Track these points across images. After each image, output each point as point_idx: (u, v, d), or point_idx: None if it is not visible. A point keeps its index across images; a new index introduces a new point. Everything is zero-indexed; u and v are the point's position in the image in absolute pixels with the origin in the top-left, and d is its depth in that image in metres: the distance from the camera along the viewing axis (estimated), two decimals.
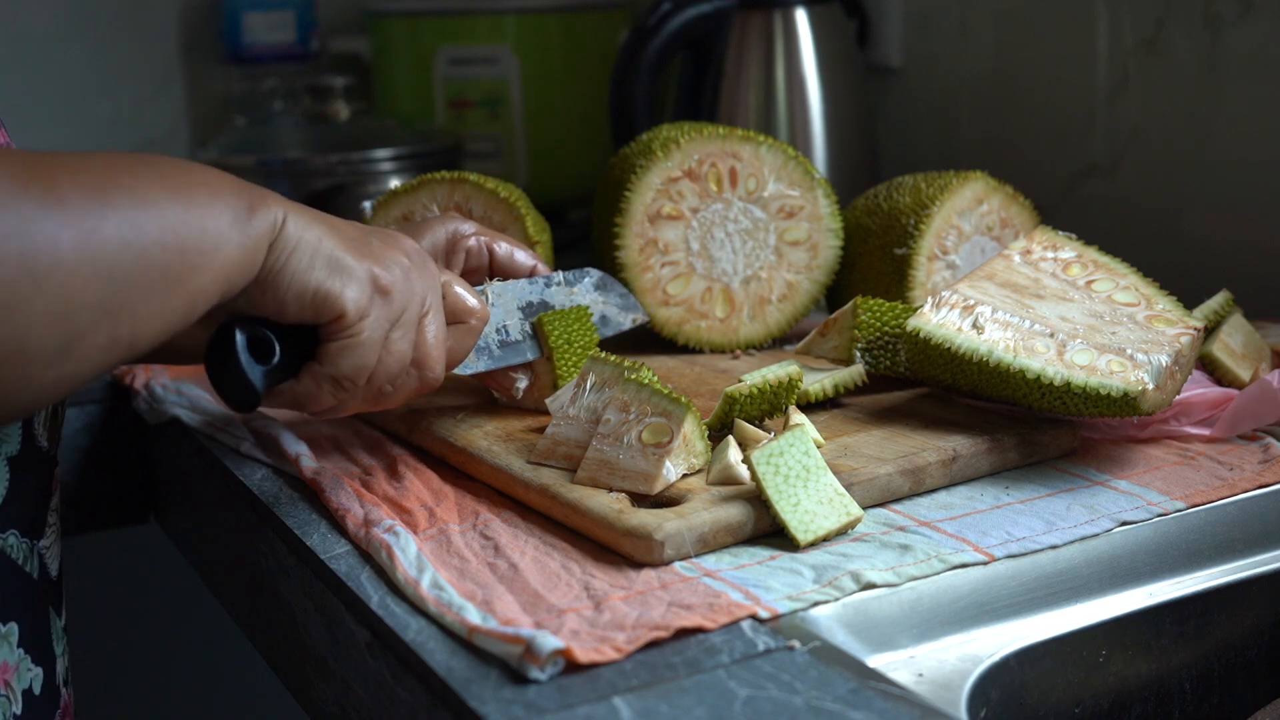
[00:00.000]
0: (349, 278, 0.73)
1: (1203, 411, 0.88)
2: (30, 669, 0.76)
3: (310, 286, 0.72)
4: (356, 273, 0.73)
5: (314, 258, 0.72)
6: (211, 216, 0.67)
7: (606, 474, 0.77)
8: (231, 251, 0.68)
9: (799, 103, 1.37)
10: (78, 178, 0.63)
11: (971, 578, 0.72)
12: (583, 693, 0.61)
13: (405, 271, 0.76)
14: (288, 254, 0.71)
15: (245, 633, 0.94)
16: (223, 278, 0.68)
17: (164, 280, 0.65)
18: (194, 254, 0.66)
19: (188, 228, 0.66)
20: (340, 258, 0.73)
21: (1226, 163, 1.20)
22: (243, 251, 0.69)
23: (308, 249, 0.72)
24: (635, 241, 1.05)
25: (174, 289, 0.65)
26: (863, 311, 0.93)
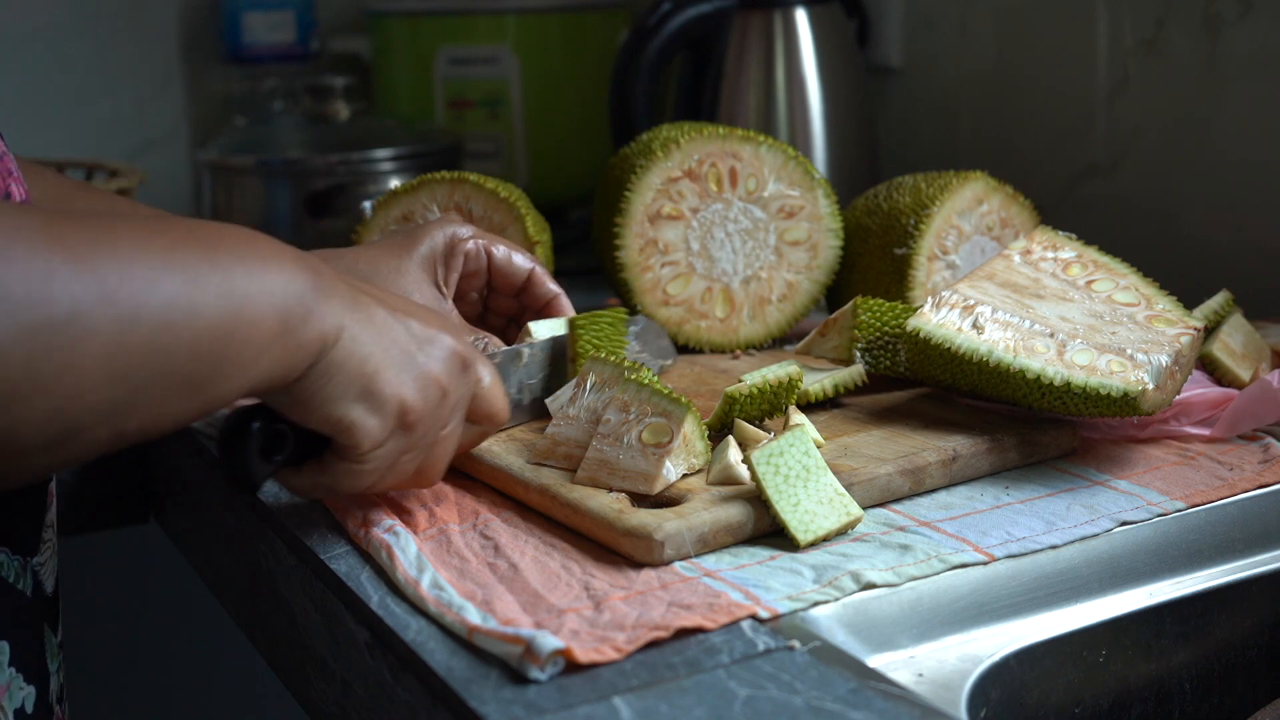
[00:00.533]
0: (378, 410, 0.69)
1: (1203, 411, 0.88)
2: (22, 688, 0.74)
3: (335, 414, 0.68)
4: (387, 405, 0.69)
5: (351, 385, 0.68)
6: (259, 326, 0.62)
7: (606, 474, 0.77)
8: (268, 365, 0.64)
9: (799, 103, 1.37)
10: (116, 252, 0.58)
11: (971, 578, 0.72)
12: (583, 693, 0.61)
13: (440, 395, 0.72)
14: (328, 378, 0.67)
15: (245, 633, 0.94)
16: (250, 386, 0.64)
17: (186, 387, 0.61)
18: (227, 365, 0.62)
19: (229, 337, 0.61)
20: (377, 390, 0.69)
21: (1226, 163, 1.20)
22: (281, 368, 0.65)
23: (348, 375, 0.68)
24: (635, 241, 1.05)
25: (196, 395, 0.61)
26: (863, 311, 0.93)
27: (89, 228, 0.59)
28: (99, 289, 0.57)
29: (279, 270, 0.64)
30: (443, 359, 0.72)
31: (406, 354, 0.70)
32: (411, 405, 0.70)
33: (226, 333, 0.61)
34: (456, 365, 0.73)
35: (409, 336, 0.71)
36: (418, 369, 0.70)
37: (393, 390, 0.69)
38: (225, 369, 0.62)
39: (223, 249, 0.62)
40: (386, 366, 0.69)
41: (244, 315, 0.62)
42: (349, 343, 0.67)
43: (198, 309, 0.60)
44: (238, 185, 1.46)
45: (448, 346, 0.73)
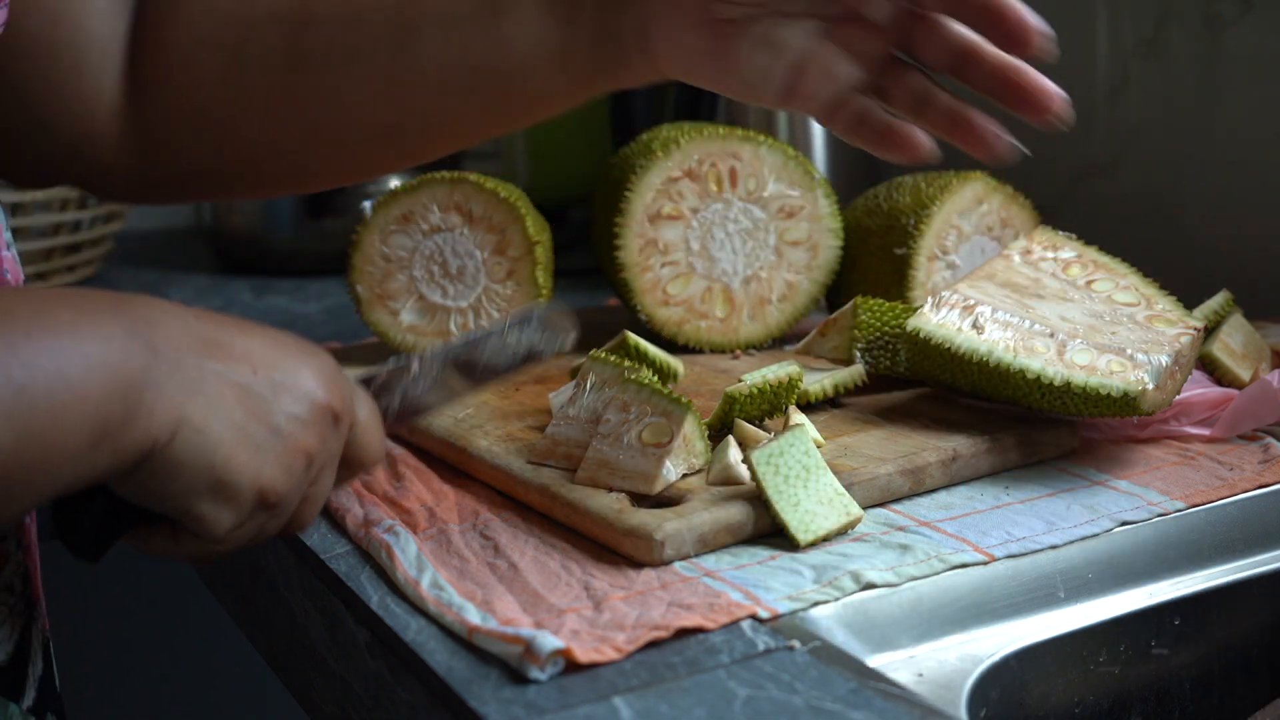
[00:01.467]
0: (230, 500, 0.60)
1: (1203, 411, 0.88)
2: None
3: (181, 507, 0.60)
4: (243, 494, 0.60)
5: (196, 481, 0.59)
6: (61, 440, 0.54)
7: (607, 474, 0.77)
8: (82, 472, 0.55)
9: None
10: None
11: (971, 578, 0.72)
12: (583, 693, 0.61)
13: (305, 464, 0.63)
14: (166, 475, 0.58)
15: (245, 633, 0.94)
16: (66, 487, 0.56)
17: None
18: (21, 485, 0.54)
19: (20, 458, 0.52)
20: (230, 479, 0.60)
21: (1226, 163, 1.20)
22: (99, 473, 0.56)
23: (192, 472, 0.59)
24: (635, 241, 1.05)
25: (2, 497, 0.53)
26: (863, 311, 0.93)
27: None
28: None
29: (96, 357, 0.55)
30: (308, 420, 0.62)
31: (265, 428, 0.61)
32: (271, 487, 0.61)
33: (19, 452, 0.53)
34: (326, 422, 0.63)
35: (262, 400, 0.61)
36: (279, 444, 0.61)
37: (250, 478, 0.60)
38: (21, 488, 0.54)
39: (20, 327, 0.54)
40: (239, 451, 0.60)
41: (43, 432, 0.53)
42: (190, 435, 0.58)
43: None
44: None
45: (313, 401, 0.63)
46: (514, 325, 0.86)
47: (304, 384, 0.63)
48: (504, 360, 0.85)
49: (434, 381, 0.80)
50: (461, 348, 0.82)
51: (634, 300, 1.06)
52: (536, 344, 0.90)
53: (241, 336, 0.62)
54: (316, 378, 0.63)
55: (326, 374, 0.64)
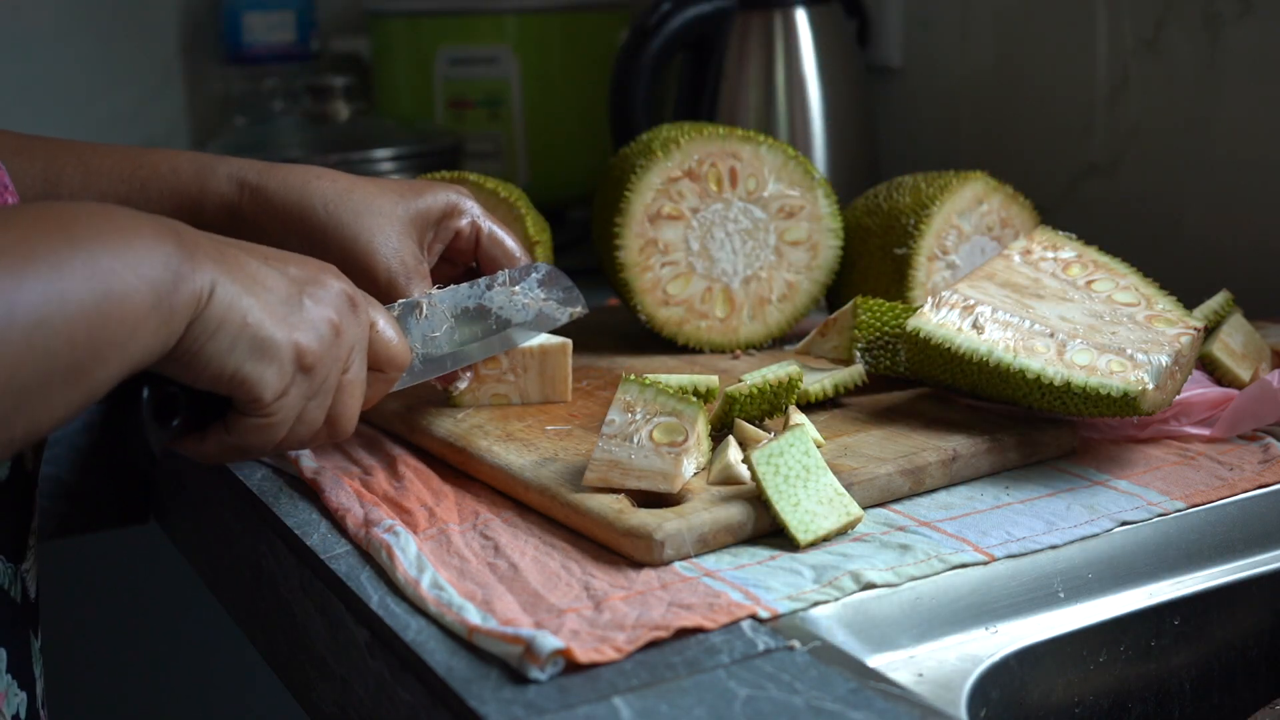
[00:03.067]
0: (271, 359, 0.67)
1: (1203, 411, 0.88)
2: (16, 694, 0.74)
3: (227, 371, 0.66)
4: (281, 352, 0.68)
5: (236, 339, 0.66)
6: (131, 300, 0.60)
7: (619, 474, 0.77)
8: (146, 337, 0.62)
9: (799, 103, 1.37)
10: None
11: (971, 578, 0.72)
12: (583, 693, 0.61)
13: (334, 333, 0.71)
14: (208, 336, 0.65)
15: (245, 633, 0.94)
16: (132, 363, 0.62)
17: (67, 379, 0.59)
18: (106, 347, 0.60)
19: (103, 317, 0.59)
20: (265, 338, 0.67)
21: (1226, 163, 1.20)
22: (157, 335, 0.62)
23: (231, 329, 0.66)
24: (635, 241, 1.05)
25: (78, 385, 0.59)
26: (863, 311, 0.93)
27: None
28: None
29: (140, 240, 0.62)
30: (329, 298, 0.71)
31: (290, 298, 0.69)
32: (306, 347, 0.69)
33: (101, 315, 0.59)
34: (345, 304, 0.72)
35: (288, 281, 0.69)
36: (304, 311, 0.69)
37: (283, 335, 0.68)
38: (104, 351, 0.60)
39: (79, 228, 0.60)
40: (270, 314, 0.67)
41: (114, 293, 0.60)
42: (225, 296, 0.65)
43: (67, 298, 0.58)
44: None
45: (333, 287, 0.72)
46: (517, 277, 0.89)
47: (318, 272, 0.71)
48: (518, 314, 0.88)
49: (450, 326, 0.87)
50: (468, 291, 0.89)
51: (634, 300, 1.06)
52: (548, 305, 0.92)
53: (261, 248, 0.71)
54: (329, 271, 0.72)
55: (339, 273, 0.73)
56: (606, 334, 1.11)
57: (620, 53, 1.35)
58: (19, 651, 0.75)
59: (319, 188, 0.88)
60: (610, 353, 1.07)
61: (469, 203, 0.91)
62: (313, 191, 0.88)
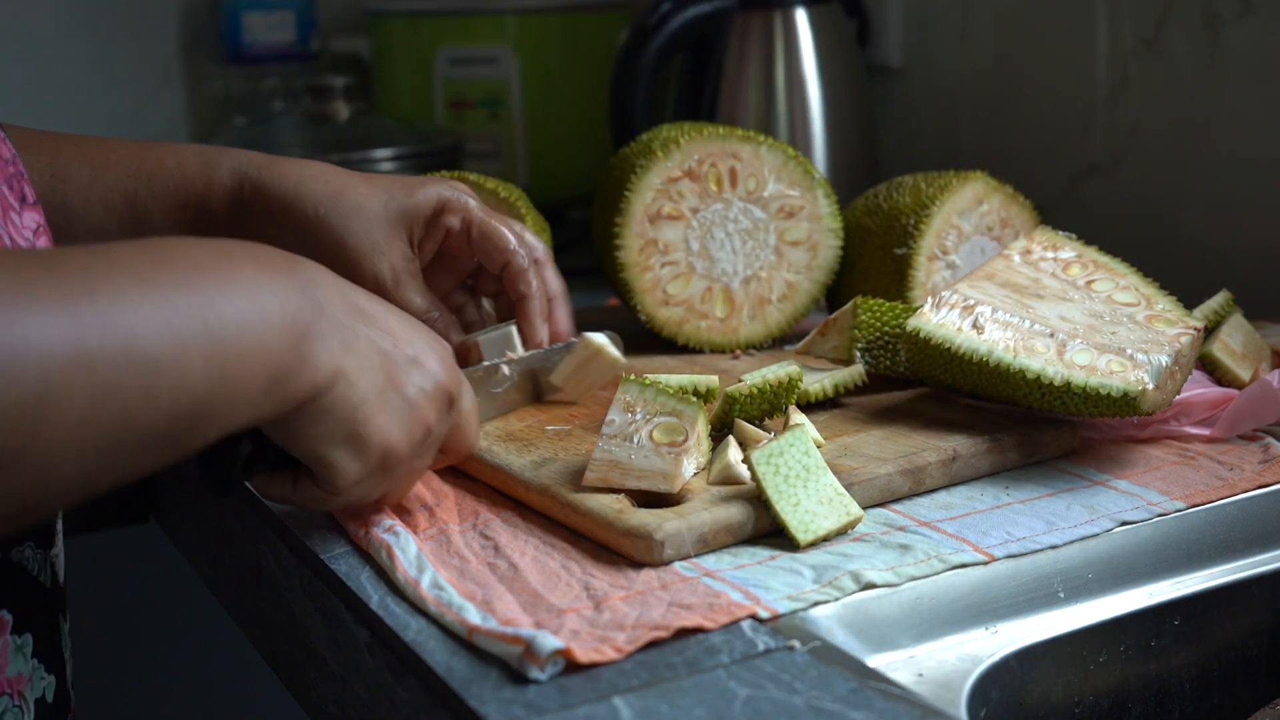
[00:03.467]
0: (361, 454, 0.68)
1: (1203, 411, 0.88)
2: (44, 678, 0.75)
3: (318, 453, 0.67)
4: (372, 451, 0.68)
5: (338, 429, 0.66)
6: (246, 383, 0.59)
7: (619, 475, 0.76)
8: (252, 416, 0.61)
9: (799, 103, 1.37)
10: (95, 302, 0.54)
11: (971, 578, 0.72)
12: (583, 693, 0.61)
13: (424, 435, 0.71)
14: (314, 421, 0.65)
15: (245, 633, 0.94)
16: (225, 433, 0.61)
17: (163, 447, 0.57)
18: (208, 423, 0.59)
19: (211, 399, 0.57)
20: (365, 434, 0.67)
21: (1226, 162, 1.20)
22: (266, 416, 0.62)
23: (336, 421, 0.66)
24: (635, 241, 1.05)
25: (171, 451, 0.58)
26: (863, 311, 0.93)
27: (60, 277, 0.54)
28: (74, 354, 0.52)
29: (274, 308, 0.60)
30: (430, 395, 0.70)
31: (398, 395, 0.68)
32: (395, 450, 0.69)
33: (209, 395, 0.57)
34: (443, 402, 0.72)
35: (399, 369, 0.69)
36: (408, 412, 0.69)
37: (380, 437, 0.68)
38: (205, 427, 0.59)
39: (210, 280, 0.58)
40: (378, 411, 0.67)
41: (231, 376, 0.58)
42: (344, 388, 0.65)
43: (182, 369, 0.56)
44: None
45: (436, 380, 0.71)
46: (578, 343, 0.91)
47: (431, 364, 0.71)
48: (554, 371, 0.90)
49: (510, 385, 0.89)
50: (543, 356, 0.91)
51: (634, 300, 1.06)
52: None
53: (384, 311, 0.70)
54: (441, 361, 0.72)
55: (448, 360, 0.73)
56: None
57: (620, 53, 1.35)
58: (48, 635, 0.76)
59: (311, 189, 0.88)
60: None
61: (462, 198, 0.90)
62: (305, 193, 0.88)
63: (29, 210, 0.74)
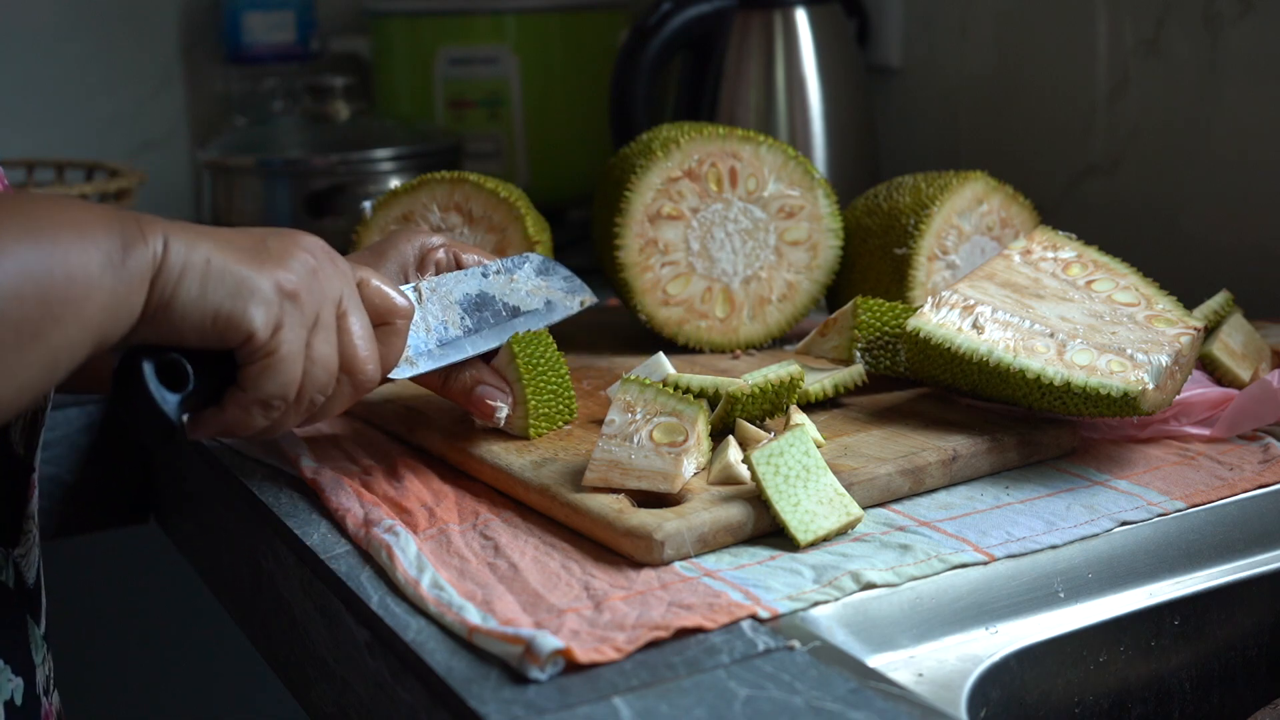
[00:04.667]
0: (250, 294, 0.67)
1: (1203, 411, 0.88)
2: (10, 679, 0.74)
3: (208, 313, 0.66)
4: (259, 286, 0.67)
5: (205, 281, 0.66)
6: (78, 259, 0.61)
7: (619, 474, 0.77)
8: (103, 297, 0.62)
9: (799, 103, 1.37)
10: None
11: (971, 578, 0.72)
12: (583, 693, 0.61)
13: (311, 271, 0.70)
14: (174, 284, 0.65)
15: (245, 633, 0.94)
16: (94, 327, 0.62)
17: (18, 336, 0.59)
18: (56, 304, 0.60)
19: (48, 275, 0.59)
20: (236, 273, 0.67)
21: (1226, 163, 1.20)
22: (116, 296, 0.63)
23: (195, 273, 0.65)
24: (635, 241, 1.04)
25: (30, 345, 0.59)
26: (863, 311, 0.93)
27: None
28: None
29: (88, 214, 0.63)
30: (295, 241, 0.71)
31: (254, 245, 0.69)
32: (284, 277, 0.68)
33: (48, 275, 0.59)
34: (321, 251, 0.71)
35: (249, 236, 0.69)
36: (270, 252, 0.69)
37: (255, 270, 0.67)
38: (54, 308, 0.60)
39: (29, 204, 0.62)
40: (236, 257, 0.67)
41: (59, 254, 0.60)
42: (180, 248, 0.65)
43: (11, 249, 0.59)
44: (238, 185, 1.46)
45: (305, 238, 0.71)
46: (511, 266, 0.88)
47: (290, 231, 0.71)
48: (525, 302, 0.87)
49: (459, 314, 0.85)
50: (463, 276, 0.87)
51: (634, 300, 1.06)
52: (554, 295, 0.91)
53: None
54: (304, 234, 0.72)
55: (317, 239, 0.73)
56: (606, 334, 1.11)
57: (620, 53, 1.35)
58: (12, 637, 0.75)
59: None
60: (610, 353, 1.07)
61: (434, 238, 0.89)
62: None
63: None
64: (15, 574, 0.76)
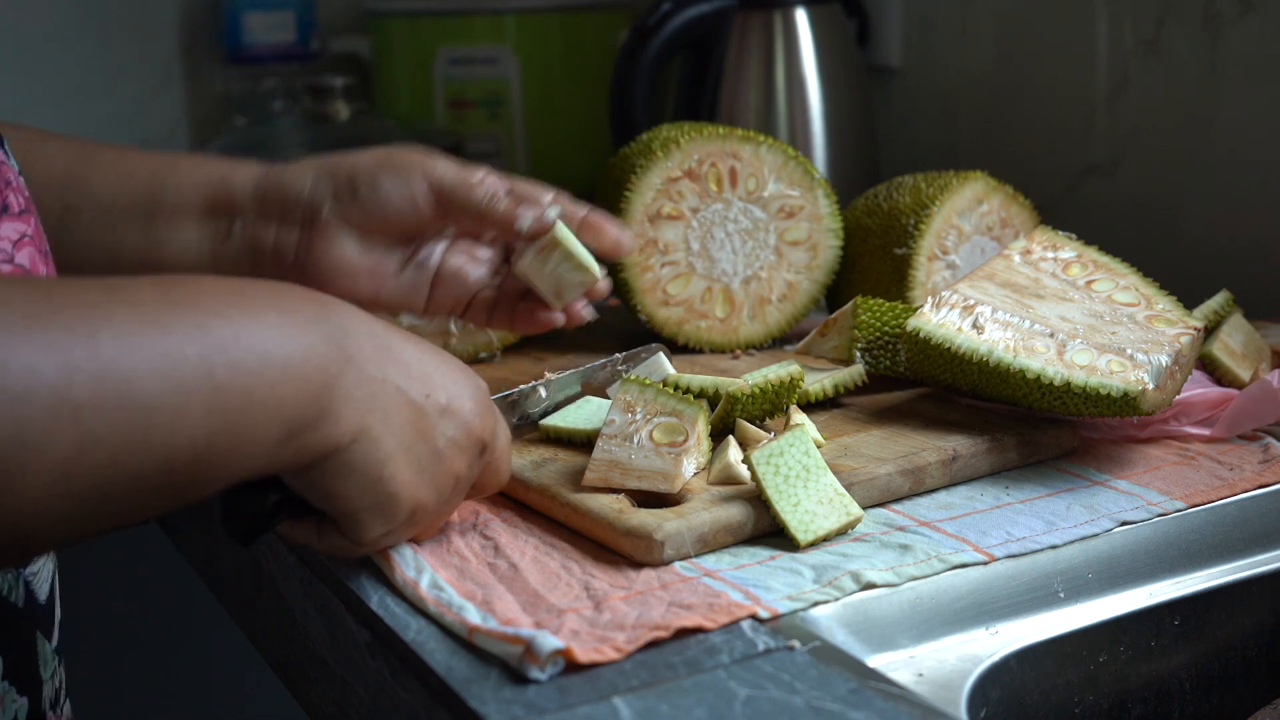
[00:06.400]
0: (389, 513, 0.65)
1: (1203, 411, 0.88)
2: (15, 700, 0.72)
3: (345, 510, 0.64)
4: (401, 508, 0.66)
5: (365, 487, 0.63)
6: (253, 435, 0.56)
7: (619, 475, 0.76)
8: (259, 466, 0.58)
9: (799, 103, 1.37)
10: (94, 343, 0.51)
11: (971, 578, 0.72)
12: (583, 693, 0.61)
13: (453, 487, 0.68)
14: (338, 478, 0.62)
15: (245, 633, 0.94)
16: (232, 482, 0.59)
17: (156, 495, 0.55)
18: (207, 473, 0.56)
19: (211, 451, 0.55)
20: (390, 490, 0.64)
21: (1226, 163, 1.20)
22: (279, 467, 0.60)
23: (364, 478, 0.63)
24: (635, 242, 1.05)
25: (167, 499, 0.56)
26: (863, 311, 0.93)
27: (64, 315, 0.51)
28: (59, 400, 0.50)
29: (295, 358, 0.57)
30: (461, 444, 0.68)
31: (427, 447, 0.66)
32: (424, 505, 0.67)
33: (210, 446, 0.55)
34: (475, 449, 0.69)
35: (430, 420, 0.66)
36: (437, 465, 0.66)
37: (409, 493, 0.66)
38: (207, 476, 0.56)
39: (226, 325, 0.56)
40: (405, 468, 0.64)
41: (237, 427, 0.56)
42: (367, 445, 0.62)
43: (180, 419, 0.54)
44: None
45: (469, 429, 0.68)
46: (629, 360, 0.90)
47: (464, 410, 0.67)
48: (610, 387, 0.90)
49: (547, 405, 0.88)
50: (577, 376, 0.90)
51: (634, 300, 1.06)
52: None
53: (419, 355, 0.66)
54: (475, 405, 0.68)
55: (483, 402, 0.69)
56: (606, 334, 1.11)
57: (620, 53, 1.35)
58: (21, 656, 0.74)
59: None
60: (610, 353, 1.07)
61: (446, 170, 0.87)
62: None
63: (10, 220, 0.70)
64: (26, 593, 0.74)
